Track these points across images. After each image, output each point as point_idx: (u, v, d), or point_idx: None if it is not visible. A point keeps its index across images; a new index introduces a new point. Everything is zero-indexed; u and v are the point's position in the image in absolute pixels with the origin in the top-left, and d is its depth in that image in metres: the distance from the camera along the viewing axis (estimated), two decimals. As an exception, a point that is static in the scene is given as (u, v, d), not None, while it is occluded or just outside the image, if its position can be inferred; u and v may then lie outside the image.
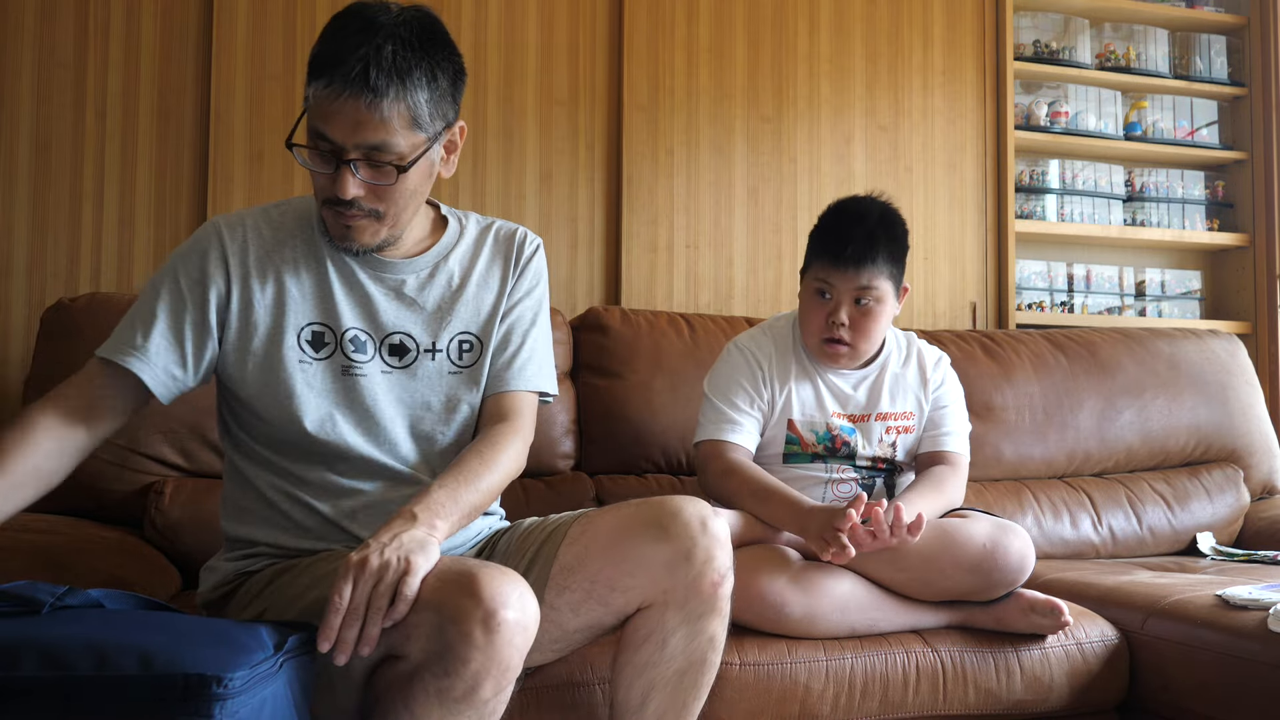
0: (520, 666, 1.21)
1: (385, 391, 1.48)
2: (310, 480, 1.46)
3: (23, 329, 2.38)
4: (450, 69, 1.41)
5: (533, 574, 1.41)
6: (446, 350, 1.51)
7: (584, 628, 1.42)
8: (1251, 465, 2.68)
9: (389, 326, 1.49)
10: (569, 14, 2.73)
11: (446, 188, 2.61)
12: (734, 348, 2.00)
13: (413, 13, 1.40)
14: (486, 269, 1.57)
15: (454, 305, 1.52)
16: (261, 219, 1.52)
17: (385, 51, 1.33)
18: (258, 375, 1.46)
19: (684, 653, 1.39)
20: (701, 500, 1.40)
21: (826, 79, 2.91)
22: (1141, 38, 3.26)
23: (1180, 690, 1.79)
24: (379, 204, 1.41)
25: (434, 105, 1.39)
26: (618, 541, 1.37)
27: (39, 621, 1.07)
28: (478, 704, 1.19)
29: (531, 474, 2.24)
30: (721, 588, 1.37)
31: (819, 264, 1.92)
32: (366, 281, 1.49)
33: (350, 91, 1.31)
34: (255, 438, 1.49)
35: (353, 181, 1.37)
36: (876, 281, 1.89)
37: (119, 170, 2.46)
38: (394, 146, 1.36)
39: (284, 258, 1.49)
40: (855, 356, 1.95)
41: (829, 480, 1.92)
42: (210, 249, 1.47)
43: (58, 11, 2.44)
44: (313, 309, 1.48)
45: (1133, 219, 3.25)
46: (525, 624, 1.19)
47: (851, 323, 1.90)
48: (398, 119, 1.35)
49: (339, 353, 1.47)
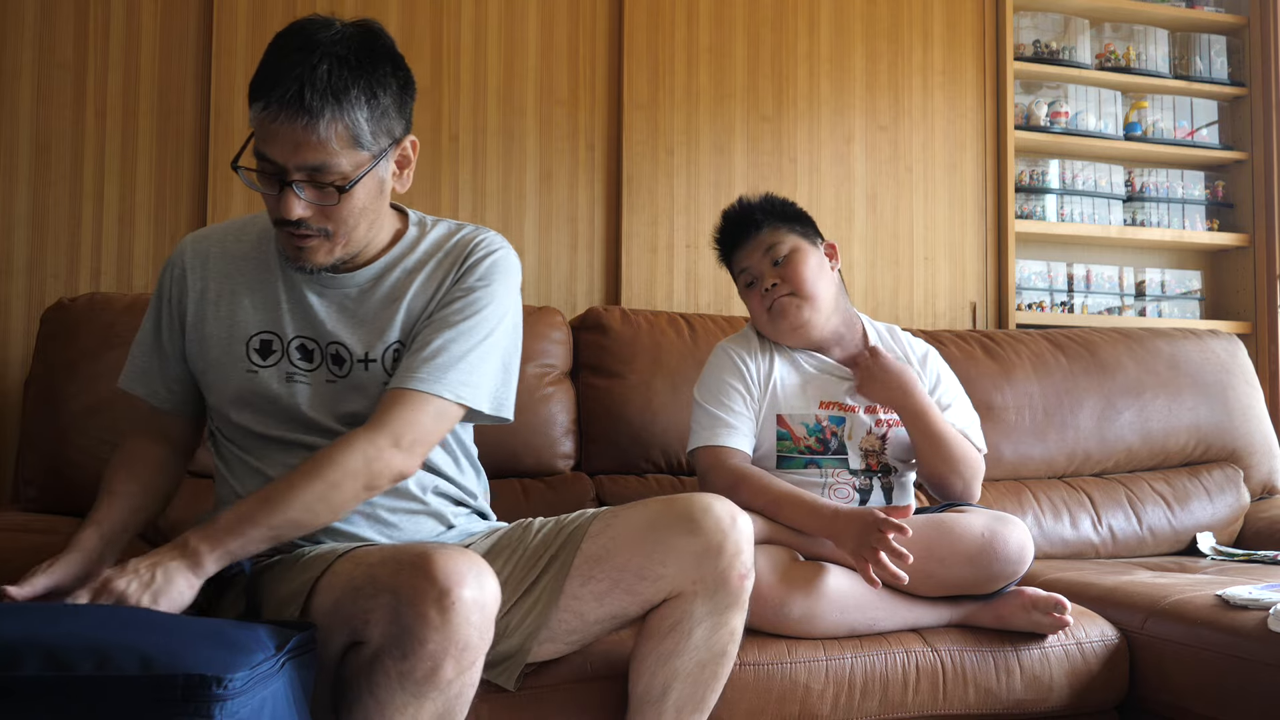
0: (482, 646, 1.23)
1: (324, 400, 1.47)
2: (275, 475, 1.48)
3: (23, 329, 2.38)
4: (394, 84, 1.39)
5: (551, 571, 1.44)
6: (381, 360, 1.47)
7: (605, 618, 1.45)
8: (1251, 465, 2.68)
9: (328, 336, 1.48)
10: (569, 14, 2.73)
11: (447, 189, 2.62)
12: (720, 350, 2.01)
13: (354, 29, 1.38)
14: (429, 276, 1.51)
15: (392, 316, 1.49)
16: (229, 234, 1.57)
17: (320, 71, 1.31)
18: (216, 384, 1.50)
19: (706, 644, 1.42)
20: (727, 499, 1.45)
21: (826, 79, 2.91)
22: (1141, 38, 3.26)
23: (1180, 690, 1.79)
24: (327, 223, 1.40)
25: (375, 123, 1.36)
26: (649, 532, 1.41)
27: (40, 621, 1.07)
28: (441, 685, 1.20)
29: (531, 474, 2.25)
30: (747, 581, 1.43)
31: (732, 261, 2.03)
32: (309, 292, 1.49)
33: (286, 113, 1.30)
34: (232, 432, 1.52)
35: (297, 202, 1.36)
36: (777, 236, 1.97)
37: (119, 170, 2.46)
38: (335, 167, 1.35)
39: (241, 271, 1.52)
40: (809, 304, 1.94)
41: (825, 484, 1.92)
42: (174, 269, 1.55)
43: (58, 11, 2.44)
44: (262, 318, 1.49)
45: (1133, 219, 3.25)
46: (483, 602, 1.21)
47: (781, 277, 1.94)
48: (336, 139, 1.33)
49: (285, 359, 1.48)
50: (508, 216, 2.66)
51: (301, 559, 1.40)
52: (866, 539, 1.67)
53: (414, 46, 2.62)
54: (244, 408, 1.48)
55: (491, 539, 1.55)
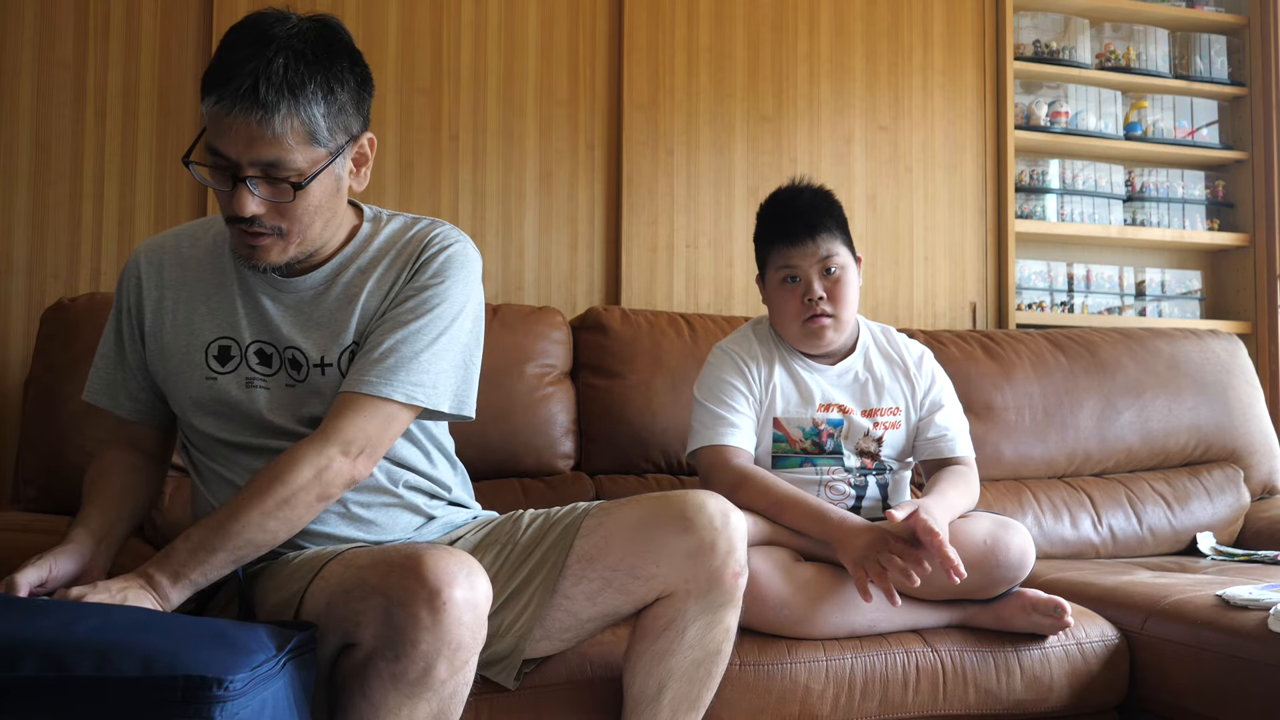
0: (475, 645, 1.22)
1: (285, 405, 1.44)
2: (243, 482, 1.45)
3: (23, 329, 2.38)
4: (351, 81, 1.36)
5: (543, 571, 1.42)
6: (337, 364, 1.44)
7: (598, 616, 1.44)
8: (1251, 465, 2.68)
9: (285, 340, 1.45)
10: (569, 14, 2.73)
11: (447, 189, 2.62)
12: (720, 350, 2.01)
13: (310, 23, 1.34)
14: (383, 274, 1.47)
15: (347, 318, 1.45)
16: (184, 239, 1.54)
17: (276, 65, 1.28)
18: (176, 392, 1.48)
19: (701, 643, 1.42)
20: (721, 496, 1.44)
21: (826, 79, 2.91)
22: (1141, 38, 3.26)
23: (1180, 690, 1.79)
24: (281, 221, 1.36)
25: (332, 119, 1.34)
26: (641, 531, 1.40)
27: (39, 621, 1.07)
28: (434, 685, 1.20)
29: (531, 474, 2.24)
30: (741, 578, 1.42)
31: (777, 251, 1.94)
32: (264, 296, 1.47)
33: (240, 107, 1.27)
34: (198, 438, 1.50)
35: (251, 199, 1.32)
36: (835, 248, 1.92)
37: (119, 170, 2.46)
38: (290, 163, 1.31)
39: (198, 277, 1.49)
40: (839, 327, 1.94)
41: (820, 483, 1.92)
42: (130, 278, 1.52)
43: (58, 11, 2.44)
44: (219, 324, 1.47)
45: (1133, 219, 3.25)
46: (474, 601, 1.20)
47: (827, 293, 1.91)
48: (291, 135, 1.30)
49: (244, 365, 1.45)
50: (508, 216, 2.66)
51: (291, 562, 1.39)
52: (872, 553, 1.66)
53: (414, 46, 2.62)
54: (206, 414, 1.46)
55: (480, 533, 1.53)
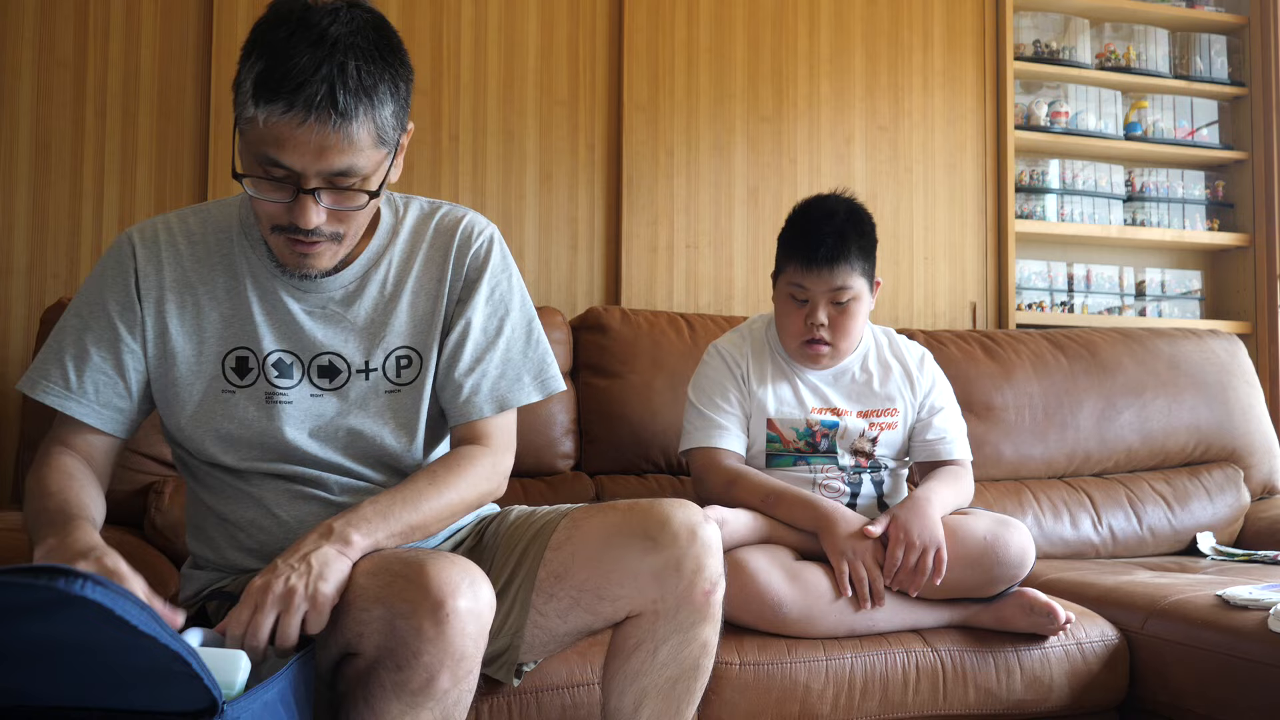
0: (478, 654, 1.19)
1: (307, 419, 1.37)
2: (248, 514, 1.39)
3: (23, 329, 2.38)
4: (407, 75, 1.30)
5: (520, 574, 1.39)
6: (382, 368, 1.39)
7: (573, 632, 1.40)
8: (1251, 465, 2.68)
9: (317, 346, 1.37)
10: (569, 14, 2.73)
11: (447, 189, 2.61)
12: (714, 350, 2.01)
13: (362, 17, 1.25)
14: (423, 270, 1.42)
15: (388, 318, 1.40)
16: (179, 232, 1.41)
17: (350, 69, 1.20)
18: (178, 407, 1.37)
19: (676, 661, 1.35)
20: (693, 505, 1.36)
21: (826, 79, 2.91)
22: (1141, 38, 3.26)
23: (1180, 690, 1.79)
24: (340, 226, 1.30)
25: (397, 117, 1.28)
26: (604, 550, 1.33)
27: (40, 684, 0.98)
28: (437, 694, 1.17)
29: (531, 474, 2.25)
30: (714, 595, 1.33)
31: (791, 268, 1.92)
32: (289, 300, 1.38)
33: (317, 117, 1.19)
34: (195, 460, 1.42)
35: (315, 210, 1.25)
36: (850, 280, 1.89)
37: (119, 170, 2.46)
38: (360, 169, 1.25)
39: (201, 278, 1.39)
40: (837, 355, 1.96)
41: (815, 481, 1.92)
42: (126, 271, 1.38)
43: (58, 11, 2.44)
44: (235, 333, 1.37)
45: (1133, 219, 3.25)
46: (478, 611, 1.16)
47: (830, 323, 1.91)
48: (365, 138, 1.23)
49: (262, 379, 1.36)
50: (508, 217, 2.66)
51: None
52: (852, 545, 1.72)
53: (414, 46, 2.60)
54: (207, 430, 1.36)
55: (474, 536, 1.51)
